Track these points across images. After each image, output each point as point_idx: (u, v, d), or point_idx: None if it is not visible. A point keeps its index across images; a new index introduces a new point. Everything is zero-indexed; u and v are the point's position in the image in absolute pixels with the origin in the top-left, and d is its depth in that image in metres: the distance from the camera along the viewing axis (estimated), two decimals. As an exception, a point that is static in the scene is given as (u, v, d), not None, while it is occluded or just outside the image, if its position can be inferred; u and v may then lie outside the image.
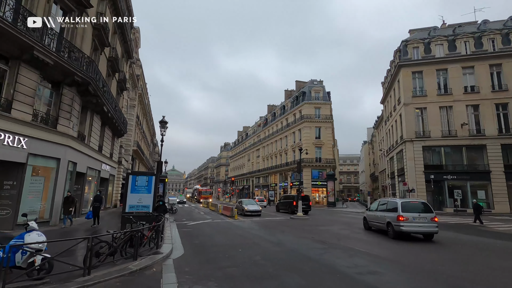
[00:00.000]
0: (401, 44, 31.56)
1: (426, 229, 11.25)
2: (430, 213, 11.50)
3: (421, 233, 11.49)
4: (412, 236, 11.78)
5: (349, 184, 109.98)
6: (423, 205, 12.02)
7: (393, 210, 11.91)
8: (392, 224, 11.62)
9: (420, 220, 11.26)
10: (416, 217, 11.29)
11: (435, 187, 27.06)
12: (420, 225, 11.24)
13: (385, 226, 12.29)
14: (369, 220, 14.32)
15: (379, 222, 13.02)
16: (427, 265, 7.26)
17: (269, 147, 60.68)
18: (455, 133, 27.36)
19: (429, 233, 11.36)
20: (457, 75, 28.35)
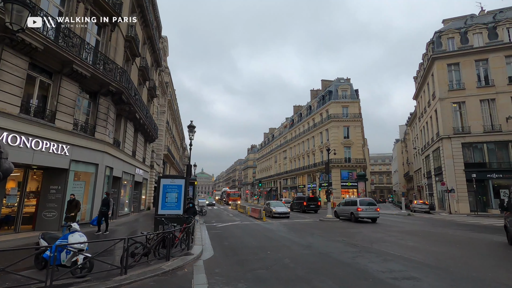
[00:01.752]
0: (434, 35, 29.78)
1: (372, 216, 18.72)
2: (375, 206, 19.31)
3: (369, 218, 18.69)
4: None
5: (382, 185, 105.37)
6: (370, 200, 20.19)
7: (354, 204, 19.35)
8: (354, 213, 18.82)
9: (369, 210, 18.65)
10: (367, 208, 18.67)
11: (477, 187, 25.07)
12: (369, 213, 18.57)
13: (349, 215, 19.49)
14: (338, 212, 21.59)
15: (345, 213, 20.23)
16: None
17: (296, 148, 60.06)
18: (500, 128, 25.21)
19: (374, 218, 18.81)
20: (500, 65, 26.15)
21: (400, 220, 21.17)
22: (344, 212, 20.48)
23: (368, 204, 19.03)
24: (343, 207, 21.10)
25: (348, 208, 19.95)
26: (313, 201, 28.81)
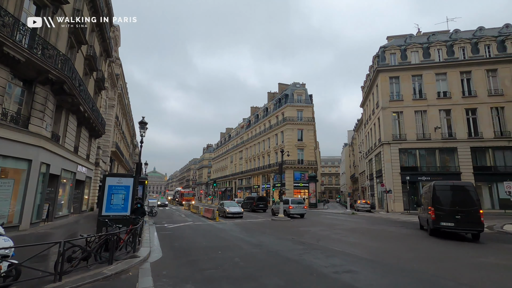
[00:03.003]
0: (379, 50, 32.70)
1: (301, 212, 22.84)
2: (302, 204, 23.59)
3: (298, 214, 22.66)
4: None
5: (331, 186, 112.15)
6: (300, 200, 24.56)
7: (287, 203, 23.13)
8: (286, 210, 22.47)
9: (298, 208, 22.81)
10: (297, 206, 22.85)
11: (410, 188, 28.15)
12: (298, 210, 22.66)
13: (283, 212, 22.45)
14: (274, 210, 24.37)
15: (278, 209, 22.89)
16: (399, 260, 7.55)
17: (252, 149, 60.80)
18: (429, 136, 28.66)
19: (302, 214, 22.86)
20: (431, 81, 29.75)
21: (344, 219, 22.75)
22: (278, 209, 23.66)
23: (298, 203, 23.41)
24: (277, 205, 24.74)
25: (284, 206, 23.37)
26: (262, 201, 31.32)
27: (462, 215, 11.67)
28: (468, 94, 28.86)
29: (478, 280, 6.16)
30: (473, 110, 28.50)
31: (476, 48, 29.83)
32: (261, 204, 30.55)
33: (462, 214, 11.70)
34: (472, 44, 29.99)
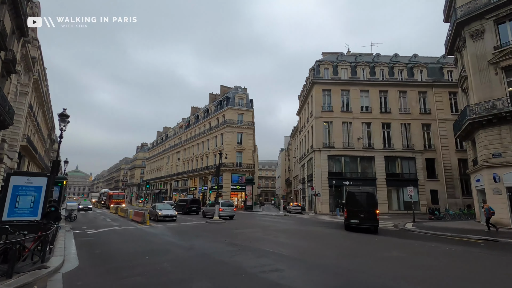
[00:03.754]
0: (315, 64, 35.45)
1: (230, 214, 23.87)
2: (232, 207, 24.86)
3: (228, 216, 23.59)
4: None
5: (267, 189, 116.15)
6: (230, 202, 25.68)
7: None
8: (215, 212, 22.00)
9: (228, 210, 23.65)
10: (227, 208, 23.69)
11: (336, 191, 31.06)
12: (228, 212, 23.58)
13: (213, 214, 22.25)
14: (206, 212, 25.38)
15: (211, 212, 23.43)
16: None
17: (191, 150, 59.17)
18: (353, 146, 32.14)
19: (231, 216, 23.90)
20: (356, 96, 33.47)
21: (277, 220, 23.84)
22: (210, 212, 24.08)
23: (228, 205, 24.27)
24: (210, 208, 25.06)
25: (213, 209, 23.40)
26: (195, 203, 31.31)
27: (364, 214, 15.22)
28: (384, 111, 33.34)
29: (384, 270, 7.16)
30: (388, 124, 33.05)
31: (392, 71, 34.76)
32: (194, 207, 30.41)
33: (364, 213, 15.26)
34: (389, 67, 34.84)
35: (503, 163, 16.93)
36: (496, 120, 17.24)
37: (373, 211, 15.15)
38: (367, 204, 15.57)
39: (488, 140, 17.74)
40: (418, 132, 32.84)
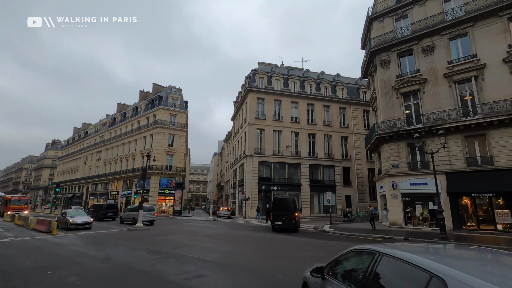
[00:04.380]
0: (251, 72, 36.63)
1: (151, 219, 22.72)
2: (153, 211, 23.67)
3: (148, 221, 22.15)
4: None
5: (198, 193, 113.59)
6: (151, 207, 24.26)
7: (137, 210, 21.27)
8: (135, 218, 21.33)
9: (149, 215, 22.45)
10: (147, 213, 22.24)
11: (265, 196, 32.34)
12: (149, 217, 22.31)
13: (131, 219, 22.34)
14: (123, 218, 23.98)
15: (129, 218, 22.90)
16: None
17: (115, 150, 53.97)
18: (282, 153, 34.08)
19: (152, 221, 22.78)
20: (287, 107, 35.72)
21: (206, 225, 23.51)
22: (128, 217, 23.19)
23: (149, 210, 23.26)
24: (128, 213, 23.79)
25: (131, 214, 22.77)
26: (111, 208, 29.05)
27: (286, 217, 17.92)
28: (311, 122, 36.40)
29: (300, 270, 7.75)
30: (313, 135, 36.15)
31: (319, 87, 38.31)
32: (110, 213, 28.13)
33: (285, 216, 17.95)
34: (316, 83, 38.32)
35: (399, 173, 20.25)
36: (396, 136, 20.58)
37: (293, 214, 18.08)
38: (288, 208, 18.37)
39: (390, 153, 21.02)
40: (338, 143, 36.81)
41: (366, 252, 3.10)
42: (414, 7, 21.61)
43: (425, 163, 18.98)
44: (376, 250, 2.90)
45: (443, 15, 19.98)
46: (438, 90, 19.39)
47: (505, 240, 14.31)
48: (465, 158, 17.87)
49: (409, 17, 21.92)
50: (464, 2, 19.35)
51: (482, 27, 18.28)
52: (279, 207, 18.67)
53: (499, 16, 17.73)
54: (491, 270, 2.42)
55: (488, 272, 2.32)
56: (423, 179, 18.74)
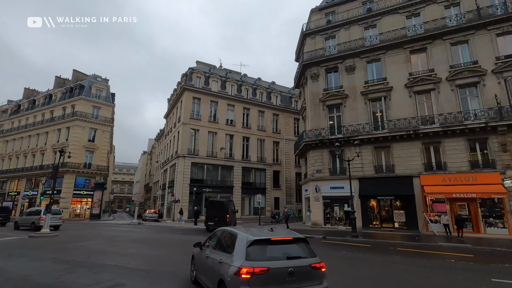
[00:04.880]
0: (188, 70, 35.58)
1: (57, 224, 19.89)
2: (60, 215, 20.80)
3: (52, 226, 18.72)
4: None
5: (122, 194, 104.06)
6: (56, 210, 21.37)
7: (38, 214, 19.79)
8: (35, 222, 19.32)
9: (54, 219, 19.31)
10: (53, 217, 18.90)
11: (196, 198, 31.60)
12: (54, 222, 19.32)
13: (30, 225, 19.81)
14: (19, 223, 21.31)
15: (27, 223, 20.39)
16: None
17: (17, 143, 45.64)
18: (216, 155, 33.90)
19: (57, 226, 19.86)
20: (223, 109, 35.76)
21: (129, 230, 21.73)
22: (26, 222, 20.53)
23: (54, 213, 20.13)
24: (26, 217, 21.02)
25: (30, 218, 20.28)
26: (2, 212, 25.06)
27: (218, 218, 19.08)
28: (246, 126, 37.19)
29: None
30: (247, 138, 37.00)
31: (255, 92, 39.50)
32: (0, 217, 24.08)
33: (218, 217, 19.15)
34: (253, 88, 39.43)
35: (322, 177, 22.27)
36: (320, 144, 22.60)
37: (224, 215, 19.31)
38: (221, 210, 19.66)
39: (315, 159, 22.96)
40: (270, 147, 38.45)
41: (220, 230, 6.21)
42: (341, 30, 24.24)
43: (343, 169, 21.32)
44: (224, 228, 6.11)
45: (363, 41, 22.93)
46: (356, 105, 22.09)
47: (399, 235, 17.07)
48: (374, 166, 20.72)
49: (336, 38, 24.46)
50: (379, 32, 22.57)
51: (391, 55, 21.62)
52: (212, 208, 20.16)
53: (404, 49, 21.25)
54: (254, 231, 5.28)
55: (252, 232, 5.14)
56: (341, 183, 20.98)
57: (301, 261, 4.58)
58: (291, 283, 4.32)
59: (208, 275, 5.48)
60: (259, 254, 4.48)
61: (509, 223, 16.45)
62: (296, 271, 4.37)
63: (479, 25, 19.02)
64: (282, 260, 4.47)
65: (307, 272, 4.50)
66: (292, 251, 4.69)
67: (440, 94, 19.51)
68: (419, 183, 18.70)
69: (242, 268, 4.25)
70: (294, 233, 5.27)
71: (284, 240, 4.85)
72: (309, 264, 4.56)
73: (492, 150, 17.50)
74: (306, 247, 4.87)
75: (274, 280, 4.26)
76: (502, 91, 17.72)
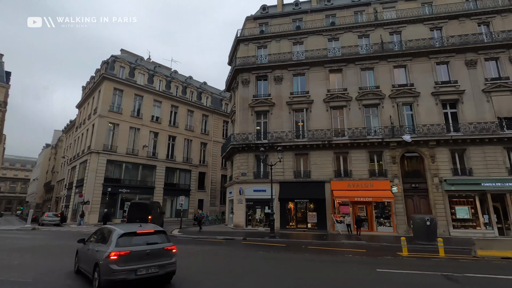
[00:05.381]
0: (111, 58, 32.22)
1: None
2: None
3: None
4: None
5: (13, 194, 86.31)
6: None
7: None
8: None
9: None
10: None
11: (110, 199, 28.57)
12: None
13: None
14: None
15: None
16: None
17: None
18: (137, 153, 31.43)
19: None
20: (149, 105, 33.50)
21: (19, 236, 18.18)
22: None
23: None
24: None
25: None
26: None
27: (140, 220, 18.30)
28: (173, 124, 35.62)
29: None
30: (174, 137, 35.47)
31: (185, 91, 38.27)
32: None
33: (140, 218, 18.42)
34: (183, 86, 38.12)
35: (246, 180, 22.92)
36: (247, 148, 23.28)
37: (146, 217, 19.13)
38: (142, 212, 19.62)
39: (241, 162, 23.50)
40: (197, 148, 37.68)
41: (102, 227, 7.71)
42: (272, 42, 25.64)
43: (266, 173, 22.39)
44: (105, 226, 7.65)
45: (292, 55, 24.73)
46: (282, 114, 23.60)
47: (311, 235, 18.83)
48: (294, 171, 22.41)
49: (268, 48, 25.74)
50: (306, 49, 24.71)
51: (314, 72, 23.90)
52: (134, 210, 20.18)
53: (324, 67, 23.76)
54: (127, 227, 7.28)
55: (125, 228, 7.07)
56: (263, 186, 21.99)
57: (157, 245, 6.68)
58: (148, 259, 6.35)
59: (87, 263, 7.03)
60: (126, 242, 6.40)
61: (394, 222, 19.92)
62: (152, 252, 6.47)
63: (382, 57, 22.74)
64: (142, 245, 6.50)
65: (160, 252, 6.62)
66: (152, 239, 6.77)
67: (350, 111, 22.46)
68: (330, 188, 21.04)
69: (111, 252, 6.10)
70: (157, 227, 7.44)
71: (147, 232, 6.89)
72: (162, 247, 6.71)
73: (385, 162, 20.99)
74: (164, 237, 7.11)
75: (135, 258, 6.25)
76: (395, 113, 21.50)
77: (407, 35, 23.25)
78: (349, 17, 25.17)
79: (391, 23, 23.77)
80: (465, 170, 19.87)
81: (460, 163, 20.17)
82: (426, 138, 20.23)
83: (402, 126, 21.12)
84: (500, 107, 20.33)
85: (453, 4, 23.25)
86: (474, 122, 20.08)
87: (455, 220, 19.42)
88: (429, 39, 22.67)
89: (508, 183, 18.67)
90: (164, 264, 6.52)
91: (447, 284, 7.46)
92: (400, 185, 20.27)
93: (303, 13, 26.51)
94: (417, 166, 21.07)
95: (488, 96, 20.64)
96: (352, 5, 25.99)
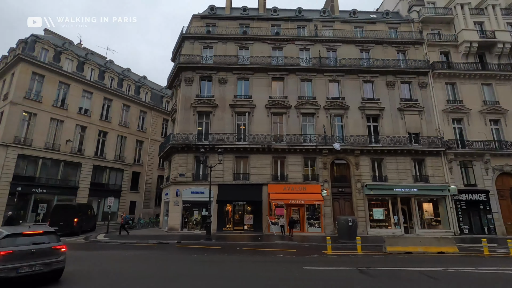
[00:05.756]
0: (31, 37, 27.96)
1: None
2: None
3: None
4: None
5: None
6: None
7: None
8: None
9: None
10: None
11: (20, 200, 24.54)
12: None
13: None
14: None
15: None
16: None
17: None
18: (59, 148, 27.73)
19: None
20: (77, 95, 29.94)
21: None
22: None
23: None
24: None
25: None
26: None
27: (65, 222, 18.83)
28: (105, 119, 32.46)
29: None
30: (105, 133, 32.34)
31: (122, 83, 35.34)
32: None
33: (64, 221, 18.80)
34: (119, 78, 35.15)
35: (184, 182, 22.25)
36: (187, 148, 22.65)
37: (71, 219, 19.32)
38: (67, 215, 19.51)
39: (179, 163, 22.73)
40: (132, 146, 35.04)
41: None
42: (218, 43, 25.60)
43: (205, 175, 22.09)
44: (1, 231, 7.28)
45: (237, 59, 25.05)
46: (224, 116, 23.65)
47: (247, 236, 19.22)
48: (233, 173, 22.60)
49: (214, 49, 25.59)
50: (251, 55, 25.31)
51: (258, 78, 24.62)
52: (58, 213, 19.74)
53: (268, 74, 24.69)
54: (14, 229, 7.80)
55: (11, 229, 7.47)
56: (202, 188, 21.62)
57: (44, 245, 7.16)
58: (32, 258, 6.80)
59: None
60: (10, 243, 6.77)
61: (322, 223, 21.67)
62: (38, 251, 6.94)
63: (319, 70, 24.70)
64: (28, 245, 6.90)
65: (47, 251, 7.13)
66: (39, 240, 7.21)
67: (289, 118, 23.75)
68: (267, 190, 21.83)
69: None
70: (46, 228, 8.25)
71: (35, 233, 7.32)
72: (50, 247, 7.22)
73: (318, 167, 22.75)
74: (54, 237, 7.64)
75: (18, 258, 6.66)
76: (328, 123, 23.52)
77: (341, 53, 25.75)
78: (293, 29, 26.71)
79: (328, 40, 26.01)
80: (382, 177, 22.82)
81: (378, 171, 23.09)
82: (353, 147, 22.63)
83: (334, 135, 23.22)
84: (410, 124, 23.98)
85: (380, 31, 26.65)
86: (391, 135, 23.27)
87: (372, 220, 22.11)
88: (359, 59, 25.49)
89: (413, 188, 22.10)
90: (50, 262, 6.98)
91: (361, 277, 8.47)
92: (329, 189, 22.18)
93: (251, 19, 27.13)
94: (344, 172, 23.36)
95: (402, 114, 24.17)
96: (296, 19, 27.63)
